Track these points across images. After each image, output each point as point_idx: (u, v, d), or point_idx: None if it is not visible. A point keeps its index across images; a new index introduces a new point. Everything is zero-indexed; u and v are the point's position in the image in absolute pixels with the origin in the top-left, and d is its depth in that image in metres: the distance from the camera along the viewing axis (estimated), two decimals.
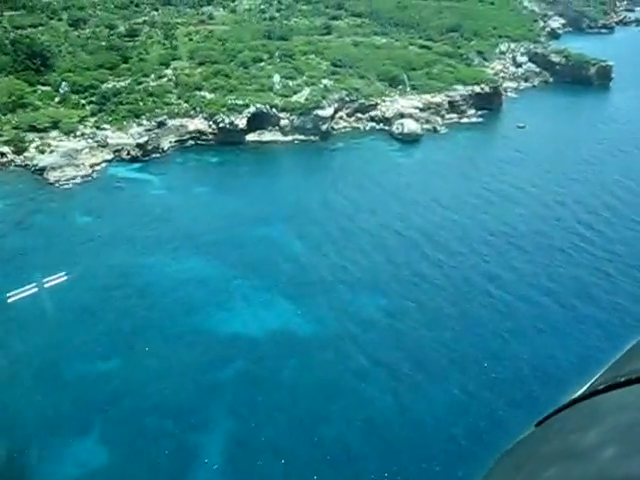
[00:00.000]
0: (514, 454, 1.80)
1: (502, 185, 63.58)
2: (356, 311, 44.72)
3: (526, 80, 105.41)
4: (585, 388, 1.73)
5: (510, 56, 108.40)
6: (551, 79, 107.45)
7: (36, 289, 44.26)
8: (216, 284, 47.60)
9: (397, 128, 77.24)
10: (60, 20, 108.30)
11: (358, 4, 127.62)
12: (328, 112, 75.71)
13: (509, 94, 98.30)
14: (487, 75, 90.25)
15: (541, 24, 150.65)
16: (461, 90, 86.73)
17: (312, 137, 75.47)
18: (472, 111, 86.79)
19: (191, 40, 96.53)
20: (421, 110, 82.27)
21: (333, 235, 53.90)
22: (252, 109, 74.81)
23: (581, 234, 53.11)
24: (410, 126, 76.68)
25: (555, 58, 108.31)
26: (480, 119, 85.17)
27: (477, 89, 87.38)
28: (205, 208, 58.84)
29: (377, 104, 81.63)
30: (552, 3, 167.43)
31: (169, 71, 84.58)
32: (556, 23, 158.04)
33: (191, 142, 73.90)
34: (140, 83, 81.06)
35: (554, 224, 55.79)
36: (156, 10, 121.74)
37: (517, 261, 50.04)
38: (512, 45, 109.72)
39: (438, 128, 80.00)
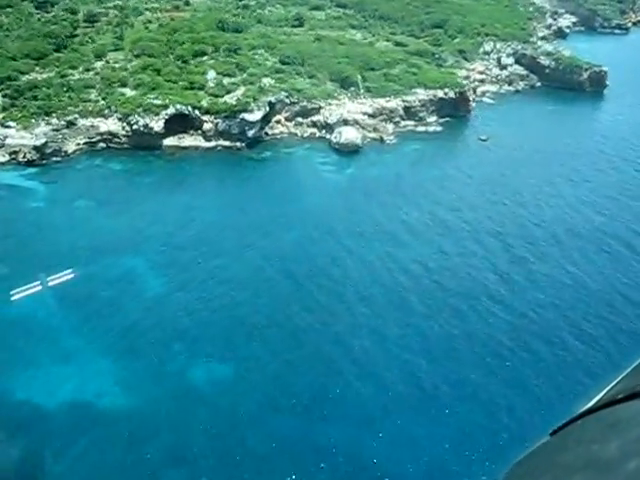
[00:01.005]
0: (529, 463, 1.73)
1: (427, 214, 52.48)
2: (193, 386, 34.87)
3: (510, 84, 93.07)
4: (600, 397, 1.65)
5: (495, 57, 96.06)
6: (539, 83, 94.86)
7: None
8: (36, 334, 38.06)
9: (335, 137, 66.34)
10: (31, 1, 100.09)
11: None
12: (256, 116, 65.10)
13: (485, 99, 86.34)
14: (455, 78, 78.41)
15: (548, 21, 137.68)
16: (421, 94, 75.22)
17: (238, 144, 65.02)
18: (433, 118, 75.29)
19: (146, 29, 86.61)
20: (370, 116, 71.12)
21: (201, 275, 43.78)
22: (171, 110, 64.65)
23: (493, 292, 41.91)
24: (348, 135, 65.67)
25: (544, 61, 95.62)
26: (440, 128, 73.61)
27: (440, 94, 75.74)
28: (73, 229, 48.84)
29: (321, 108, 70.75)
30: (564, 0, 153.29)
31: (100, 63, 74.91)
32: (566, 21, 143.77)
33: (102, 145, 63.98)
34: (64, 76, 71.51)
35: (472, 270, 44.69)
36: None
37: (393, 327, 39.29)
38: (498, 45, 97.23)
39: (385, 138, 68.77)
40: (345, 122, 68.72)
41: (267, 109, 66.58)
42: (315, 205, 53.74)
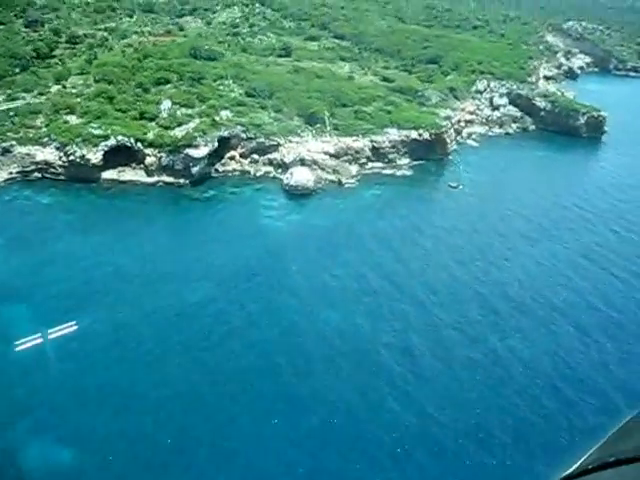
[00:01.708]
0: None
1: (357, 275, 45.18)
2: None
3: (500, 126, 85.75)
4: (576, 466, 1.65)
5: (487, 96, 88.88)
6: (532, 126, 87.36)
7: None
8: None
9: (287, 178, 59.72)
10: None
11: (344, 25, 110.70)
12: (202, 152, 58.81)
13: (469, 141, 79.08)
14: (433, 119, 71.32)
15: (559, 61, 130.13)
16: (393, 135, 68.29)
17: (181, 180, 58.75)
18: (404, 161, 68.29)
19: (122, 53, 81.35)
20: (332, 156, 64.34)
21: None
22: (112, 141, 58.79)
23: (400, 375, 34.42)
24: (300, 177, 58.93)
25: (540, 102, 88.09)
26: (409, 172, 66.48)
27: (414, 135, 68.71)
28: None
29: (279, 145, 64.32)
30: (579, 40, 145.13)
31: (56, 88, 69.68)
32: (579, 62, 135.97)
33: (37, 175, 58.24)
34: (14, 99, 66.51)
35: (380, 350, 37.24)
36: (130, 17, 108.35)
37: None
38: (492, 84, 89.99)
39: (344, 181, 61.88)
40: (302, 162, 62.13)
41: (215, 145, 60.30)
42: (240, 257, 46.95)
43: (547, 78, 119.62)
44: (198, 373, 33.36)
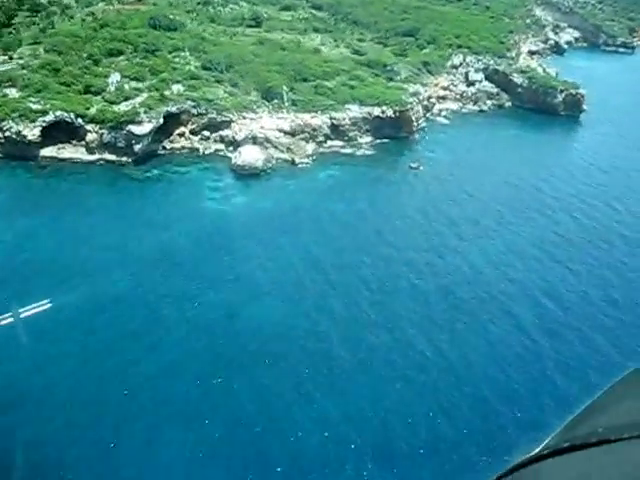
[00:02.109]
0: None
1: (293, 265, 41.76)
2: None
3: (475, 102, 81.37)
4: (535, 452, 1.55)
5: (463, 71, 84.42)
6: (509, 103, 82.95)
7: None
8: None
9: (235, 157, 55.98)
10: None
11: None
12: (145, 128, 54.84)
13: (439, 119, 74.83)
14: (399, 95, 67.11)
15: (546, 35, 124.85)
16: (354, 111, 64.21)
17: (124, 158, 54.89)
18: (366, 139, 64.28)
19: (83, 21, 76.79)
20: (287, 134, 60.38)
21: None
22: (50, 117, 54.90)
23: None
24: (247, 156, 55.07)
25: (517, 79, 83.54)
26: (371, 151, 62.55)
27: (377, 112, 64.63)
28: None
29: (232, 122, 60.35)
30: (568, 14, 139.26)
31: (1, 58, 65.52)
32: (567, 36, 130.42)
33: None
34: None
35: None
36: None
37: None
38: (468, 58, 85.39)
39: (298, 160, 57.98)
40: (254, 140, 58.24)
41: (161, 121, 56.35)
42: (168, 243, 43.46)
43: (532, 53, 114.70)
44: (88, 384, 29.99)
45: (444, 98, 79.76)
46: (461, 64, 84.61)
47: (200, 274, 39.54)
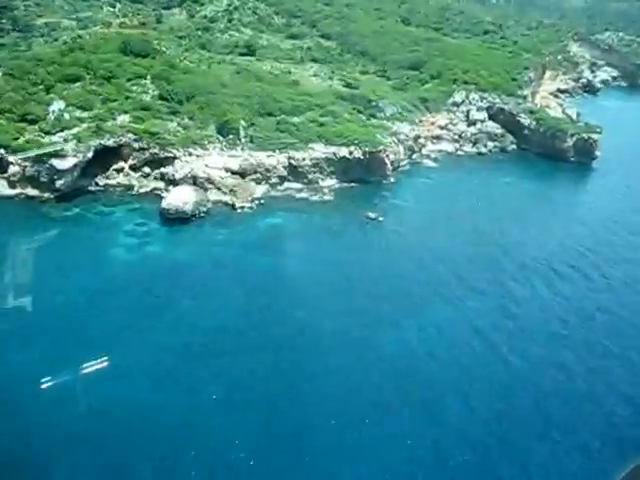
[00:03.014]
0: None
1: (179, 332, 34.52)
2: None
3: (474, 144, 72.52)
4: None
5: (464, 109, 75.84)
6: (513, 146, 73.77)
7: None
8: None
9: (165, 199, 49.30)
10: None
11: (334, 24, 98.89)
12: (68, 163, 48.77)
13: (426, 161, 66.44)
14: (372, 134, 59.35)
15: (577, 73, 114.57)
16: (318, 151, 56.79)
17: (46, 194, 49.06)
18: (330, 182, 56.60)
19: (64, 44, 72.33)
20: (236, 174, 53.47)
21: None
22: None
23: None
24: (177, 199, 48.19)
25: (524, 119, 74.33)
26: (330, 196, 54.69)
27: (344, 152, 57.03)
28: None
29: (176, 158, 53.83)
30: (607, 51, 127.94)
31: None
32: (604, 75, 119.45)
33: None
34: None
35: None
36: (112, 7, 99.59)
37: None
38: (472, 95, 76.75)
39: (239, 205, 50.83)
40: (194, 179, 51.55)
41: (89, 155, 50.31)
42: (58, 294, 36.97)
43: (561, 91, 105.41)
44: None
45: (438, 138, 71.34)
46: (463, 101, 76.04)
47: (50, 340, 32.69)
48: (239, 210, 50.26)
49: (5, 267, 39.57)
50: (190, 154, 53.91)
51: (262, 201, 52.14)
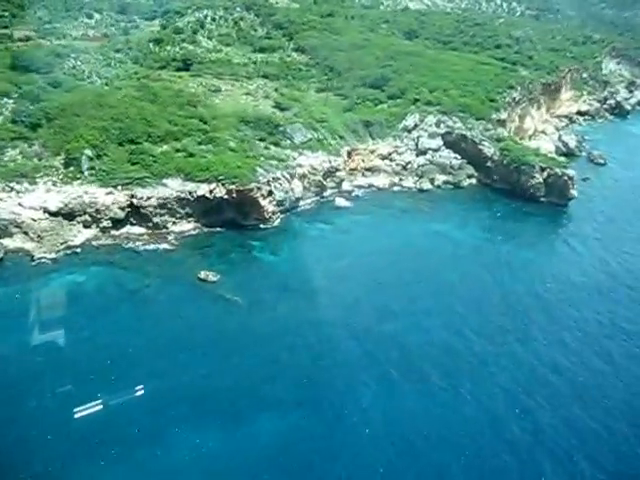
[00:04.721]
0: None
1: None
2: None
3: (420, 177, 58.50)
4: None
5: (416, 135, 61.74)
6: (471, 181, 59.18)
7: None
8: None
9: None
10: None
11: (311, 37, 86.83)
12: None
13: (338, 199, 52.66)
14: (249, 168, 46.99)
15: (622, 92, 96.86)
16: (171, 188, 45.09)
17: None
18: (184, 226, 44.53)
19: None
20: (57, 215, 42.67)
21: None
22: None
23: None
24: None
25: (488, 149, 59.53)
26: (171, 246, 42.98)
27: (203, 190, 45.01)
28: None
29: None
30: None
31: None
32: None
33: None
34: None
35: None
36: (90, 17, 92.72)
37: None
38: (430, 119, 62.53)
39: (39, 255, 39.81)
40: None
41: None
42: None
43: (581, 113, 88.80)
44: None
45: (372, 170, 57.90)
46: (416, 126, 62.10)
47: None
48: (38, 262, 39.34)
49: None
50: (11, 189, 43.58)
51: (78, 250, 41.07)
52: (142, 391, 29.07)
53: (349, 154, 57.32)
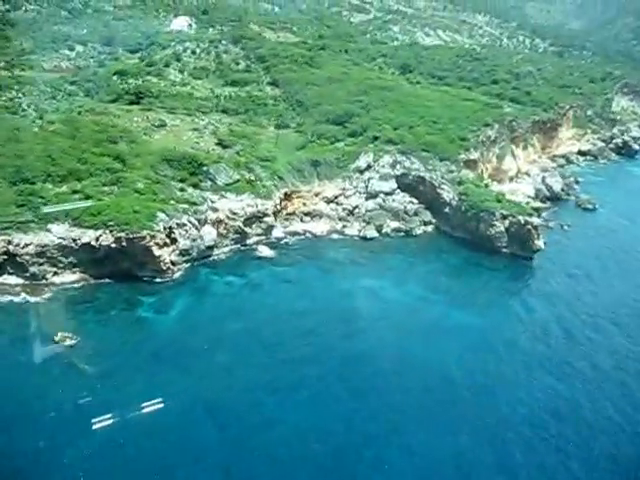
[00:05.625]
0: None
1: None
2: None
3: (367, 224, 52.14)
4: None
5: (368, 176, 55.55)
6: (427, 228, 52.68)
7: None
8: None
9: None
10: None
11: (288, 69, 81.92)
12: None
13: (261, 249, 46.70)
14: (148, 213, 41.61)
15: (634, 131, 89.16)
16: (56, 234, 39.99)
17: None
18: (67, 277, 39.08)
19: None
20: None
21: None
22: None
23: None
24: None
25: (447, 193, 52.93)
26: (43, 299, 37.45)
27: (88, 237, 39.69)
28: None
29: None
30: None
31: None
32: None
33: None
34: None
35: None
36: (72, 49, 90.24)
37: None
38: (386, 159, 56.34)
39: None
40: None
41: None
42: None
43: (581, 153, 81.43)
44: None
45: (311, 215, 51.90)
46: (369, 166, 56.02)
47: None
48: None
49: None
50: None
51: None
52: None
53: (287, 196, 51.53)
